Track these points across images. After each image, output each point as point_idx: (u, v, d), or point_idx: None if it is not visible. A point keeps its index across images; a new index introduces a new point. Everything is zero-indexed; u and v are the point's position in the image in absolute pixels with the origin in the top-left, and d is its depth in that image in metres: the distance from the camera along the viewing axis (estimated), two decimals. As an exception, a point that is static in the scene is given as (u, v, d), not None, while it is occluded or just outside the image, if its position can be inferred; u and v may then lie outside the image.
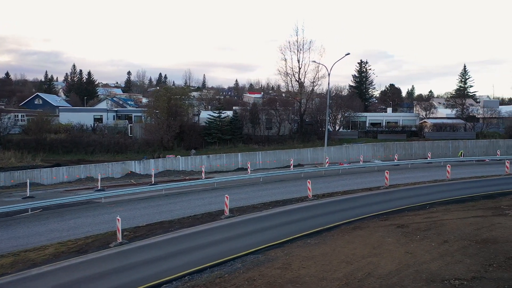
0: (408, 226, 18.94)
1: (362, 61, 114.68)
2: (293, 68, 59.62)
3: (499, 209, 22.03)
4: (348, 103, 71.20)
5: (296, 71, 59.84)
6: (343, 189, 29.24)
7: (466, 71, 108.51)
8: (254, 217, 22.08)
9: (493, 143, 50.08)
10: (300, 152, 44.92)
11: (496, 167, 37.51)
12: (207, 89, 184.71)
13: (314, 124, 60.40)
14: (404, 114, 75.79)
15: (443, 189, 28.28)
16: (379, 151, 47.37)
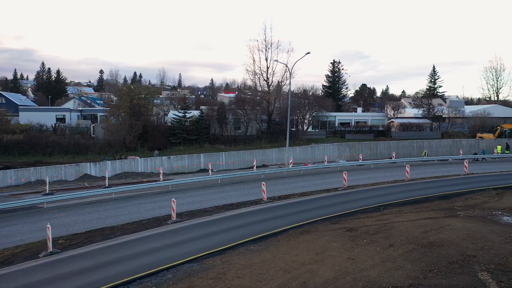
0: (357, 230, 18.37)
1: (335, 61, 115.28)
2: (261, 67, 59.03)
3: (451, 210, 21.80)
4: (319, 102, 71.22)
5: (264, 71, 59.28)
6: (301, 190, 28.62)
7: (435, 72, 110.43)
8: (203, 221, 21.11)
9: (457, 143, 50.66)
10: (264, 152, 44.20)
11: (457, 167, 37.72)
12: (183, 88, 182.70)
13: (283, 124, 59.85)
14: (372, 114, 76.32)
15: (401, 189, 28.00)
16: (344, 151, 47.15)
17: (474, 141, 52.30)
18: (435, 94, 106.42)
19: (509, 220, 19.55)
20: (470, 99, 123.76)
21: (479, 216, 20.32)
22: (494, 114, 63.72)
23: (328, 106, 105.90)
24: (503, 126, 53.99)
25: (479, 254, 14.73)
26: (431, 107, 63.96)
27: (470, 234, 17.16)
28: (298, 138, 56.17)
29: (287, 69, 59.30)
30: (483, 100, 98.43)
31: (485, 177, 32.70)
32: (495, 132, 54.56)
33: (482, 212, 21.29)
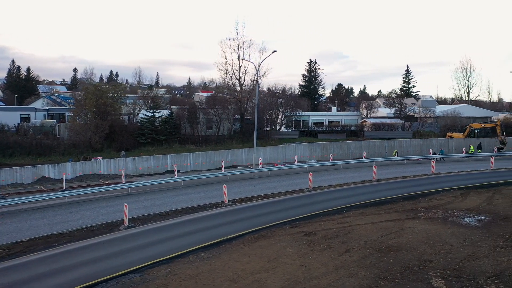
0: (316, 234, 17.67)
1: (311, 61, 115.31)
2: (233, 66, 58.05)
3: (414, 212, 21.40)
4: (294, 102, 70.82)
5: (237, 69, 58.31)
6: (266, 192, 27.85)
7: (409, 72, 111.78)
8: (157, 227, 20.03)
9: (427, 142, 50.93)
10: (234, 152, 43.29)
11: (425, 166, 37.63)
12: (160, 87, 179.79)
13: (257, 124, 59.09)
14: (346, 113, 76.40)
15: (367, 190, 27.57)
16: (316, 151, 46.70)
17: (444, 140, 52.73)
18: (409, 94, 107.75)
19: (470, 222, 19.24)
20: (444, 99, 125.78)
21: (441, 218, 19.95)
22: (464, 113, 64.61)
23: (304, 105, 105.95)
24: (471, 125, 54.63)
25: (436, 259, 14.22)
26: (403, 106, 64.32)
27: (429, 237, 16.70)
28: (270, 138, 55.47)
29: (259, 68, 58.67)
30: (456, 100, 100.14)
31: (451, 176, 32.66)
32: (464, 131, 55.17)
33: (444, 213, 20.96)
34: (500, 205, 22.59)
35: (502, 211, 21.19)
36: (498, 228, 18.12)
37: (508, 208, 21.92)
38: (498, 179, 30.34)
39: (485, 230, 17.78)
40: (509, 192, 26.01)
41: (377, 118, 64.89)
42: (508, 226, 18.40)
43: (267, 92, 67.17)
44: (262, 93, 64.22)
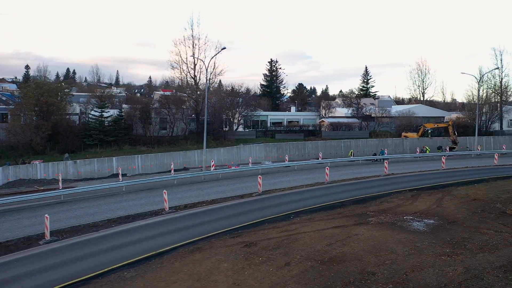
0: (257, 244, 16.28)
1: (273, 60, 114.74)
2: (188, 64, 55.95)
3: (364, 216, 20.51)
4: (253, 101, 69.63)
5: (192, 68, 56.26)
6: (214, 197, 26.27)
7: (368, 72, 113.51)
8: (84, 240, 17.97)
9: (383, 142, 51.10)
10: (186, 154, 41.36)
11: (379, 167, 37.36)
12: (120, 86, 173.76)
13: (213, 123, 57.21)
14: (305, 113, 76.06)
15: (318, 193, 26.59)
16: (271, 152, 45.59)
17: (399, 140, 53.16)
18: (368, 94, 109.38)
19: (418, 226, 18.52)
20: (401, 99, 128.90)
21: (389, 223, 19.14)
22: (418, 113, 65.72)
23: (264, 105, 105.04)
24: (425, 125, 55.45)
25: (379, 271, 13.19)
26: (360, 106, 64.57)
27: (376, 246, 15.73)
28: (227, 139, 53.85)
29: (215, 67, 56.95)
30: (412, 100, 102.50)
31: (404, 177, 32.37)
32: (418, 131, 55.93)
33: (393, 217, 20.19)
34: (449, 207, 22.17)
35: (450, 214, 20.73)
36: (446, 232, 17.48)
37: (457, 210, 21.52)
38: (449, 180, 30.28)
39: (432, 236, 17.07)
40: (458, 193, 25.80)
41: (335, 118, 64.81)
42: (455, 230, 17.82)
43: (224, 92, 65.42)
44: (219, 92, 62.53)
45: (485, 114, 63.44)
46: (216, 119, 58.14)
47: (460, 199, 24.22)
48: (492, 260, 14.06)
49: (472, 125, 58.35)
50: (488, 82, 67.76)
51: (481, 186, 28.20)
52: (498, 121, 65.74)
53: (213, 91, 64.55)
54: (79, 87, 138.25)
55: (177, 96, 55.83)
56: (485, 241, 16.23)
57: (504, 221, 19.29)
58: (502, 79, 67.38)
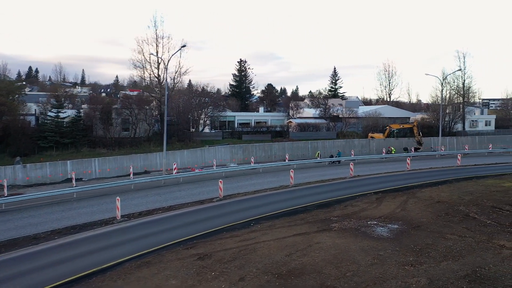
0: (212, 256, 15.05)
1: (242, 60, 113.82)
2: (151, 63, 53.89)
3: (327, 222, 19.67)
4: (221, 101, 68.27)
5: (155, 67, 54.25)
6: (172, 203, 24.80)
7: (336, 73, 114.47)
8: (19, 255, 16.14)
9: (349, 143, 50.92)
10: (147, 157, 39.51)
11: (345, 169, 36.84)
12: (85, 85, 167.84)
13: (179, 124, 55.40)
14: (273, 114, 75.40)
15: (282, 198, 25.61)
16: (237, 154, 44.38)
17: (366, 141, 53.18)
18: (336, 95, 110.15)
19: (382, 232, 17.82)
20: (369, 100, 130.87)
21: (353, 229, 18.35)
22: (384, 114, 66.27)
23: (233, 105, 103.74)
24: (391, 126, 55.79)
25: (339, 285, 12.27)
26: (328, 107, 64.40)
27: (337, 255, 14.84)
28: (192, 140, 52.23)
29: (180, 66, 55.27)
30: (380, 101, 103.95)
31: (369, 179, 31.95)
32: (384, 132, 56.20)
33: (357, 222, 19.45)
34: (414, 211, 21.70)
35: (414, 218, 20.21)
36: (410, 239, 16.85)
37: (421, 214, 21.05)
38: (413, 181, 30.06)
39: (396, 242, 16.38)
40: (422, 195, 25.48)
41: (303, 119, 64.37)
42: (419, 236, 17.23)
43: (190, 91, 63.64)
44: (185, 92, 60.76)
45: (449, 115, 64.69)
46: (182, 119, 56.44)
47: (424, 201, 23.86)
48: (456, 269, 13.43)
49: (436, 126, 59.26)
50: (452, 83, 69.25)
51: (445, 187, 28.08)
52: (460, 122, 67.24)
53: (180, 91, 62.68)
54: (42, 87, 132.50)
55: (140, 96, 53.68)
56: (449, 247, 15.67)
57: (467, 224, 18.92)
58: (464, 80, 69.00)
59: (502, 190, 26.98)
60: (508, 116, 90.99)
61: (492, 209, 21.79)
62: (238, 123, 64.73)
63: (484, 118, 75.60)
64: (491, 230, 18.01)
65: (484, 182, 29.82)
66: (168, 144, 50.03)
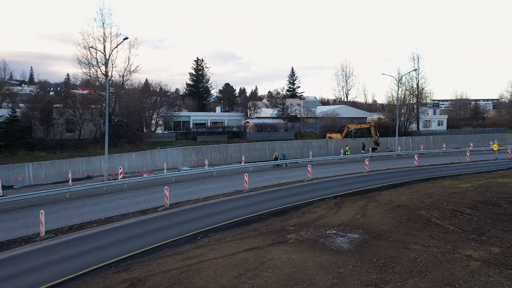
0: (146, 282, 12.72)
1: (199, 59, 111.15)
2: (98, 59, 50.15)
3: (282, 233, 17.81)
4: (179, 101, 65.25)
5: (102, 63, 50.54)
6: (112, 213, 22.09)
7: (294, 73, 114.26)
8: None
9: (307, 144, 49.77)
10: (90, 161, 36.16)
11: (304, 171, 35.34)
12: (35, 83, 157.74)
13: (126, 125, 51.96)
14: (230, 114, 73.27)
15: (235, 205, 23.55)
16: (191, 156, 41.85)
17: (324, 141, 52.29)
18: (294, 95, 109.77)
19: (342, 244, 16.18)
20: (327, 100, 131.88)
21: (310, 240, 16.61)
22: (342, 114, 65.99)
23: (190, 105, 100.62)
24: (349, 126, 55.32)
25: (295, 316, 10.34)
26: (286, 107, 63.14)
27: (292, 275, 12.97)
28: (143, 142, 49.08)
29: (130, 63, 51.89)
30: (337, 101, 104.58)
31: (328, 182, 30.60)
32: (342, 132, 55.65)
33: (315, 232, 17.75)
34: (374, 217, 20.34)
35: (375, 225, 18.81)
36: (372, 251, 15.31)
37: (382, 220, 19.72)
38: (372, 183, 29.01)
39: (357, 256, 14.78)
40: (382, 199, 24.31)
41: (261, 119, 62.70)
42: (381, 247, 15.74)
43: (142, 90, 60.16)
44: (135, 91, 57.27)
45: (404, 115, 65.39)
46: (133, 120, 53.06)
47: (384, 206, 22.65)
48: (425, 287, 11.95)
49: (392, 126, 59.59)
50: (406, 84, 70.22)
51: (404, 190, 27.16)
52: (415, 122, 68.23)
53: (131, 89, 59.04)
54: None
55: (85, 95, 49.79)
56: (414, 260, 14.25)
57: (430, 232, 17.72)
58: (418, 81, 70.18)
59: (460, 191, 26.39)
60: (458, 116, 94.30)
61: (453, 213, 20.87)
62: (194, 123, 62.02)
63: (436, 118, 77.48)
64: (455, 237, 16.87)
65: (442, 183, 29.26)
66: (116, 146, 46.79)
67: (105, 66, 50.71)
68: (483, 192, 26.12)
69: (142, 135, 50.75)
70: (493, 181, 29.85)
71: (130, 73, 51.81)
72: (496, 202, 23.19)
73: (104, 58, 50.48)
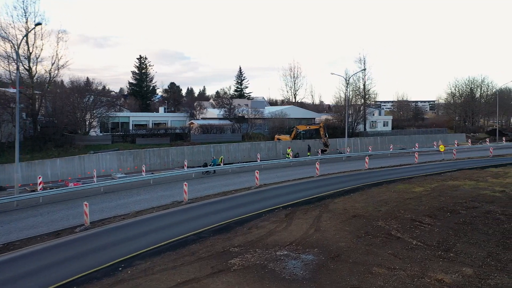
0: None
1: (142, 56, 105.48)
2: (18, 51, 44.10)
3: (225, 256, 14.88)
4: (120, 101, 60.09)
5: (25, 57, 44.70)
6: (14, 237, 17.96)
7: (242, 73, 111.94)
8: None
9: (255, 146, 47.27)
10: (4, 168, 31.10)
11: (251, 176, 32.61)
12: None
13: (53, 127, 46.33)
14: (173, 114, 69.19)
15: (171, 221, 20.23)
16: (127, 161, 37.69)
17: (272, 143, 50.08)
18: (242, 95, 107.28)
19: (295, 269, 13.57)
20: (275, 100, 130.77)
21: (258, 266, 13.84)
22: (290, 115, 64.28)
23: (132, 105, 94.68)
24: (298, 127, 53.63)
25: None
26: (233, 107, 60.25)
27: (235, 323, 10.06)
28: (73, 145, 43.92)
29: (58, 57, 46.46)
30: (286, 102, 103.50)
31: (277, 189, 28.05)
32: (291, 133, 53.81)
33: (264, 254, 15.02)
34: (329, 231, 18.02)
35: (332, 241, 16.45)
36: (330, 278, 12.84)
37: (338, 234, 17.43)
38: (325, 190, 26.88)
39: (314, 286, 12.22)
40: (336, 208, 22.18)
41: (206, 120, 59.33)
42: (340, 272, 13.31)
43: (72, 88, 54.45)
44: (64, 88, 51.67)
45: (352, 115, 65.01)
46: (62, 121, 47.51)
47: (339, 216, 20.46)
48: (399, 333, 9.55)
49: (340, 127, 58.74)
50: (353, 85, 70.07)
51: (358, 196, 25.30)
52: (362, 123, 68.19)
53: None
54: None
55: (2, 92, 43.75)
56: (381, 289, 11.95)
57: (393, 248, 15.62)
58: (365, 82, 70.30)
59: (414, 197, 24.99)
60: (401, 117, 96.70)
61: (413, 223, 19.09)
62: (133, 124, 57.29)
63: (382, 119, 78.36)
64: (421, 255, 14.87)
65: (395, 188, 27.84)
66: (42, 151, 41.35)
67: (28, 61, 45.09)
68: (437, 196, 24.93)
69: (73, 138, 45.53)
70: (445, 184, 28.98)
71: (59, 69, 46.42)
72: (453, 208, 21.90)
73: (28, 52, 44.87)
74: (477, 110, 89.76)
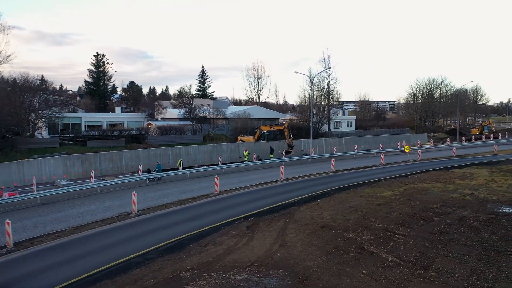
0: None
1: (99, 54, 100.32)
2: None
3: (174, 284, 12.49)
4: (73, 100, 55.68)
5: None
6: None
7: (205, 72, 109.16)
8: None
9: (217, 148, 44.79)
10: None
11: (211, 181, 30.19)
12: None
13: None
14: (130, 114, 65.49)
15: (113, 239, 17.49)
16: (74, 167, 34.20)
17: (235, 145, 47.77)
18: (205, 95, 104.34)
19: (257, 301, 11.37)
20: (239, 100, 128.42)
21: (212, 297, 11.53)
22: (254, 115, 62.21)
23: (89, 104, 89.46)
24: (261, 128, 51.65)
25: None
26: (194, 107, 57.41)
27: None
28: (15, 149, 39.79)
29: None
30: (249, 102, 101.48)
31: (238, 197, 25.76)
32: (254, 134, 51.76)
33: (220, 279, 12.79)
34: (296, 246, 15.99)
35: (298, 260, 14.42)
36: (298, 311, 10.75)
37: (306, 250, 15.43)
38: (289, 196, 24.92)
39: (279, 324, 10.09)
40: (302, 217, 20.25)
41: (165, 120, 56.17)
42: (311, 301, 11.28)
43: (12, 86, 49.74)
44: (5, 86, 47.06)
45: (316, 115, 63.89)
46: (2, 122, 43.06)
47: (306, 227, 18.52)
48: None
49: (305, 127, 57.32)
50: (318, 85, 69.06)
51: (325, 202, 23.51)
52: (327, 123, 67.25)
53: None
54: None
55: None
56: (358, 325, 9.97)
57: (367, 267, 13.77)
58: (329, 82, 69.47)
59: (384, 202, 23.50)
60: (364, 117, 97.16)
61: (386, 234, 17.41)
62: (86, 125, 53.23)
63: (346, 119, 77.95)
64: (399, 275, 13.09)
65: (363, 192, 26.33)
66: (-24, 156, 37.01)
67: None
68: (407, 201, 23.56)
69: (15, 140, 41.30)
70: (413, 187, 27.81)
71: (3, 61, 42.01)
72: (425, 215, 20.49)
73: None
74: (436, 110, 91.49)
